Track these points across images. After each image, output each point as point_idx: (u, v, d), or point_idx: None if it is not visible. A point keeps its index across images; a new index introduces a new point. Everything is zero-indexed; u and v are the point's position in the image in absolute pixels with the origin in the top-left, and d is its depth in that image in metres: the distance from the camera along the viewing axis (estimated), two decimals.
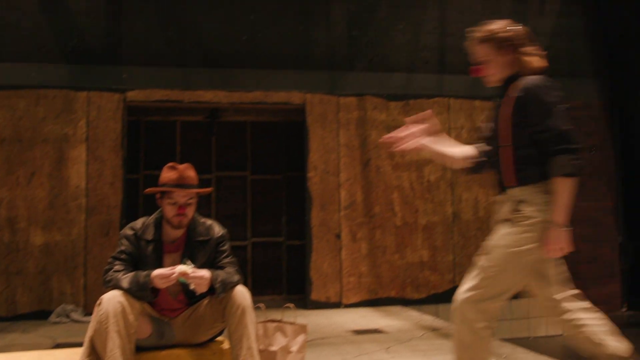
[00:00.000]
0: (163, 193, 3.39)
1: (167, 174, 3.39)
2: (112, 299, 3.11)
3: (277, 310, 4.51)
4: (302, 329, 3.91)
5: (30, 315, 6.78)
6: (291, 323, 3.91)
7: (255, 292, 8.40)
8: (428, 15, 8.16)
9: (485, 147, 3.08)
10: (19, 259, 6.85)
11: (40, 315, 6.78)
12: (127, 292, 3.16)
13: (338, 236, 7.50)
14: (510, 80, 2.93)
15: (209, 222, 3.56)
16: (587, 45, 8.97)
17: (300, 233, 8.51)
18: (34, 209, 6.94)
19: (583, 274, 8.71)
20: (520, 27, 2.93)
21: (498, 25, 2.93)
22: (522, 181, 2.82)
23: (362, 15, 8.02)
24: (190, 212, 3.40)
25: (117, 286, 3.19)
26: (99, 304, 3.13)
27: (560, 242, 2.67)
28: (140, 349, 3.31)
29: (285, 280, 8.77)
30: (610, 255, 8.84)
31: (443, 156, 3.13)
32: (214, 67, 7.62)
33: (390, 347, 5.09)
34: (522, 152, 2.82)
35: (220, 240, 3.51)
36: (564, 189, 2.68)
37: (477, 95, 8.15)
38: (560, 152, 2.68)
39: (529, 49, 2.92)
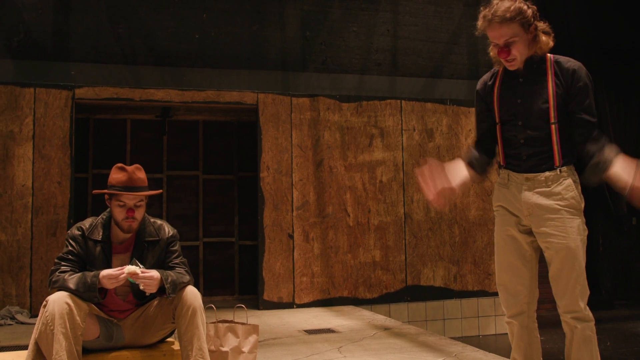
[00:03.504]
0: (111, 195, 3.34)
1: (116, 175, 3.34)
2: (58, 300, 3.04)
3: (229, 310, 4.48)
4: (254, 329, 3.90)
5: None
6: (243, 323, 3.89)
7: (207, 293, 8.34)
8: (380, 17, 8.22)
9: (486, 138, 3.06)
10: None
11: None
12: (74, 293, 3.10)
13: (291, 236, 7.50)
14: (533, 60, 2.88)
15: (159, 222, 3.51)
16: None
17: (252, 233, 8.47)
18: None
19: None
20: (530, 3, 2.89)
21: (516, 3, 2.82)
22: (565, 161, 2.83)
23: (316, 16, 8.03)
24: (139, 214, 3.36)
25: (63, 287, 3.12)
26: (45, 305, 3.06)
27: None
28: (88, 351, 3.25)
29: (238, 281, 8.72)
30: None
31: (464, 184, 3.01)
32: (166, 65, 7.53)
33: (343, 347, 5.10)
34: (564, 130, 2.82)
35: (171, 240, 3.47)
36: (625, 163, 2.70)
37: (429, 97, 8.25)
38: (599, 137, 2.76)
39: (542, 26, 2.89)
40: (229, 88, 7.62)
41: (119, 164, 3.41)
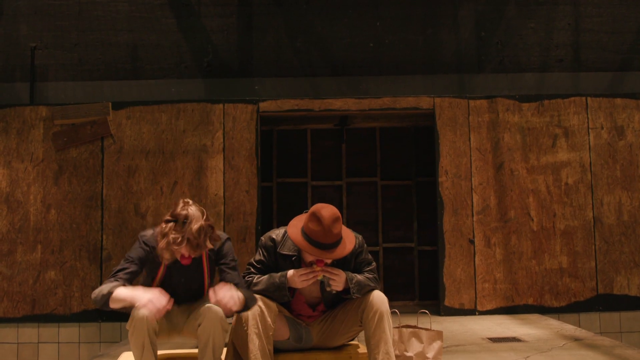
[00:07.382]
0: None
1: (311, 225, 3.21)
2: None
3: (410, 315, 4.49)
4: (438, 335, 3.87)
5: None
6: (426, 329, 3.88)
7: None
8: (560, 11, 7.83)
9: None
10: None
11: None
12: (264, 293, 3.27)
13: (471, 241, 7.35)
14: None
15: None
16: None
17: (431, 238, 8.42)
18: None
19: None
20: None
21: None
22: None
23: (491, 15, 7.84)
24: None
25: (253, 290, 3.31)
26: None
27: None
28: (279, 350, 3.41)
29: (418, 286, 8.70)
30: None
31: None
32: (342, 75, 7.73)
33: (530, 357, 4.90)
34: None
35: (359, 250, 3.48)
36: None
37: (619, 92, 7.72)
38: None
39: None
40: (405, 94, 7.66)
41: (317, 212, 3.22)
